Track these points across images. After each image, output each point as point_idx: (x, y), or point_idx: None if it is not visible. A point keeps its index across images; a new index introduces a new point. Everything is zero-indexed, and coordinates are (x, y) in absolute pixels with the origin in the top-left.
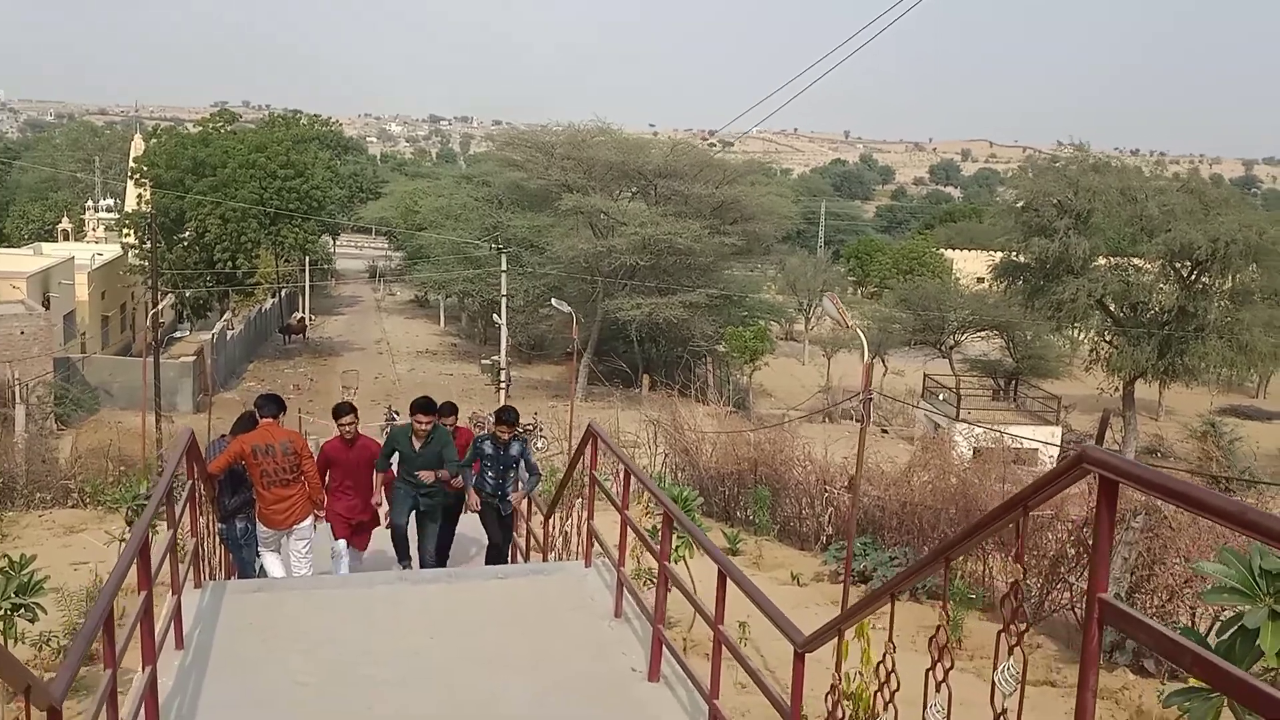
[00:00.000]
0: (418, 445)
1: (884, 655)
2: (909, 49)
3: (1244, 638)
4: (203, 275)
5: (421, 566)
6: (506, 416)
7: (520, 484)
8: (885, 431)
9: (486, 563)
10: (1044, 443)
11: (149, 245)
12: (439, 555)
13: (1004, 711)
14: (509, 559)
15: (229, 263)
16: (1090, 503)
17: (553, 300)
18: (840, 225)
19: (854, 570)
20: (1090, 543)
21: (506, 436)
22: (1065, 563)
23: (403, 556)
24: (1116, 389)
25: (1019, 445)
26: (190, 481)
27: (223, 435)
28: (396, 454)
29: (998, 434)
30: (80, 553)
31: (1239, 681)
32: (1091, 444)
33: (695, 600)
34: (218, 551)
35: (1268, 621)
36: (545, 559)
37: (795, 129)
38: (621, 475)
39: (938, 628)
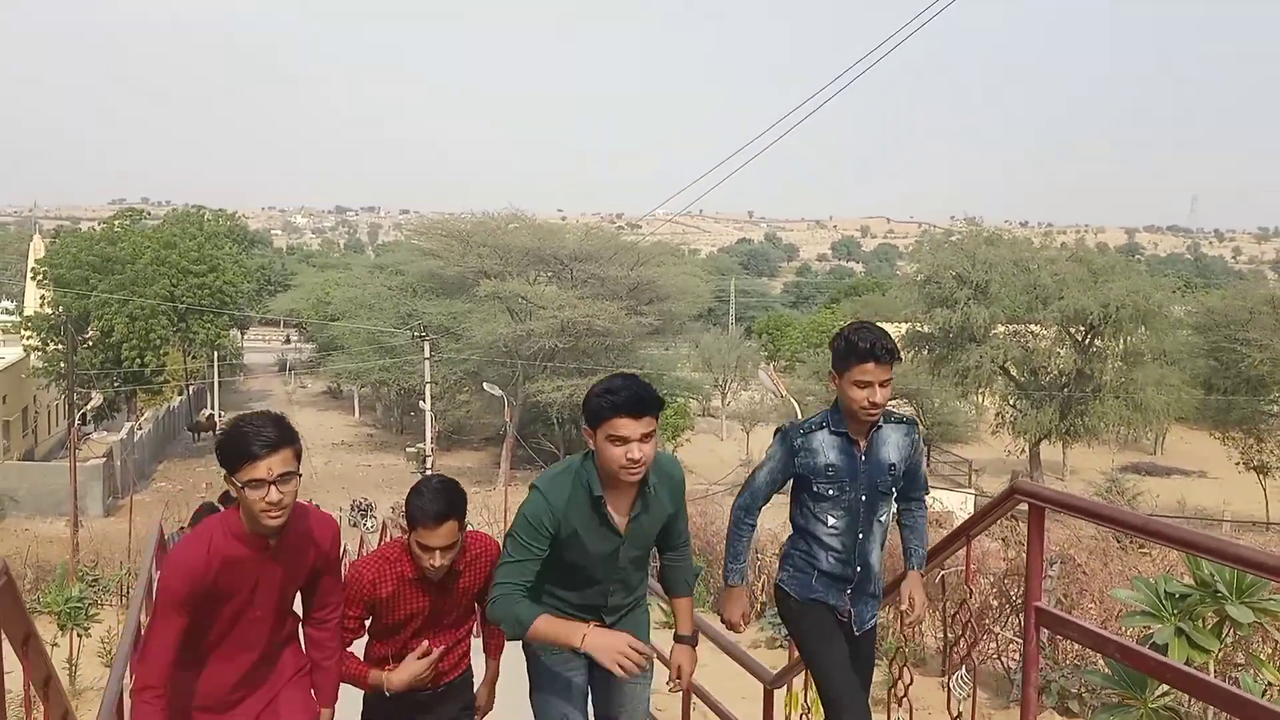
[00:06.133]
0: (621, 521)
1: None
2: (806, 129)
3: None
4: (109, 375)
5: None
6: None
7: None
8: None
9: None
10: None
11: (55, 348)
12: None
13: (959, 716)
14: None
15: (136, 361)
16: (1016, 542)
17: (484, 385)
18: (750, 302)
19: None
20: (1023, 570)
21: (880, 399)
22: (990, 614)
23: None
24: (1023, 451)
25: (946, 510)
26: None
27: (182, 526)
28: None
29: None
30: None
31: (1159, 664)
32: (1023, 478)
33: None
34: None
35: (1174, 638)
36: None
37: (701, 210)
38: None
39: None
